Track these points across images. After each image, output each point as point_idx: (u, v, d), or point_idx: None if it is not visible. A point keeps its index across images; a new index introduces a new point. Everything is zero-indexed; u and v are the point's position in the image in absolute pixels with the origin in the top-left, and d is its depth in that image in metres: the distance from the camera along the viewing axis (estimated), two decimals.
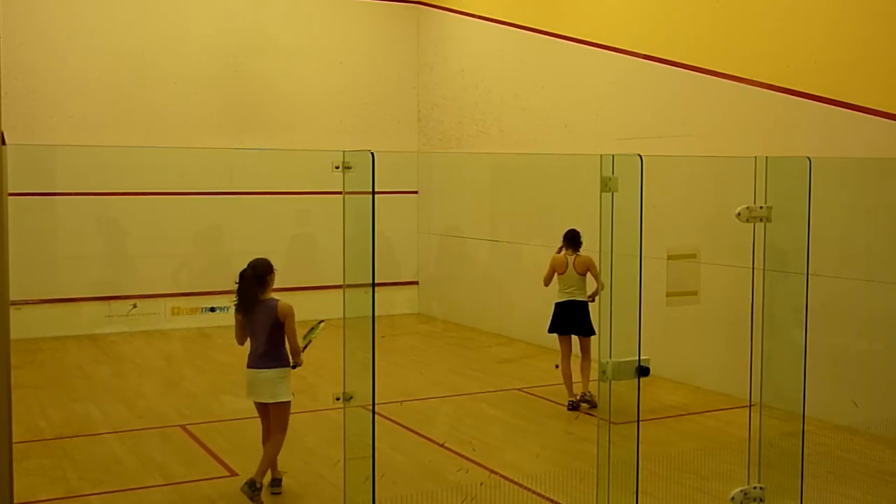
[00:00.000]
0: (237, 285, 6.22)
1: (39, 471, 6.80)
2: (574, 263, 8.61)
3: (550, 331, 8.81)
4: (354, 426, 5.96)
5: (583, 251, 8.69)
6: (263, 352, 6.17)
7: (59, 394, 9.33)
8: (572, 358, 8.75)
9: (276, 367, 6.17)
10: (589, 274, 8.61)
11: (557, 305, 8.72)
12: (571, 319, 8.64)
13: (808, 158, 5.31)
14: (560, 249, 8.73)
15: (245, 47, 13.62)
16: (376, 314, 6.16)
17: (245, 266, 6.24)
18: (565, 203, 11.11)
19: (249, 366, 6.24)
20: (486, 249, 13.03)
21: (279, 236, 13.48)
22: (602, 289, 8.72)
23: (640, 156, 4.66)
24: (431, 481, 6.62)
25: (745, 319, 5.63)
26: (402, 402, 8.72)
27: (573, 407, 8.54)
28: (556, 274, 8.70)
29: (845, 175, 7.92)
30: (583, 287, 8.66)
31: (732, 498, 5.33)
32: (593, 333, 8.59)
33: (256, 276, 6.17)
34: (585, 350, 8.73)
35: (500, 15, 12.80)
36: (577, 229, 8.74)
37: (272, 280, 6.25)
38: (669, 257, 5.14)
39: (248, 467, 6.83)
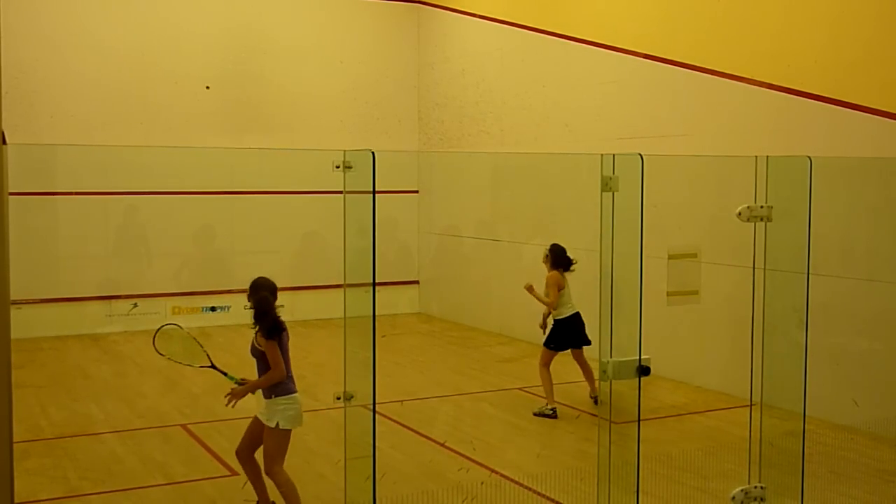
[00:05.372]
0: (257, 309, 5.57)
1: (40, 470, 6.80)
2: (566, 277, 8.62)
3: (561, 347, 8.60)
4: (355, 426, 5.96)
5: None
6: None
7: (59, 393, 9.33)
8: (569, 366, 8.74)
9: None
10: None
11: (563, 322, 8.55)
12: (580, 331, 8.60)
13: (809, 158, 5.31)
14: (554, 264, 8.54)
15: (246, 47, 13.62)
16: (377, 314, 6.17)
17: (251, 287, 5.69)
18: (566, 203, 11.12)
19: (294, 391, 5.70)
20: (487, 249, 13.03)
21: (279, 236, 13.50)
22: None
23: (640, 155, 4.66)
24: (432, 481, 6.62)
25: (745, 319, 5.63)
26: (402, 401, 8.72)
27: (553, 413, 8.36)
28: (560, 289, 8.54)
29: (846, 174, 7.91)
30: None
31: (733, 497, 5.33)
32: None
33: (273, 293, 5.72)
34: (583, 357, 8.71)
35: (500, 14, 12.80)
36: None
37: None
38: (670, 257, 5.13)
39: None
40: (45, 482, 6.55)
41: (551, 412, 8.33)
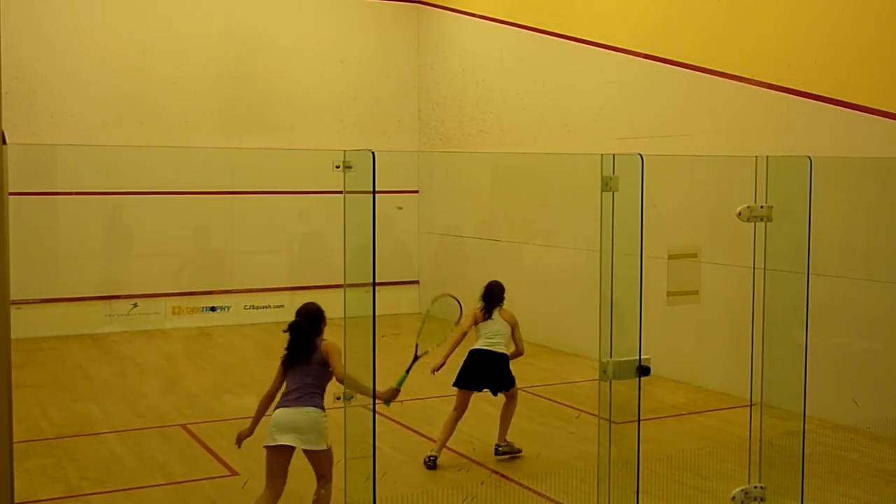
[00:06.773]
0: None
1: (40, 470, 6.80)
2: (500, 312, 7.56)
3: (463, 384, 7.36)
4: (355, 426, 5.96)
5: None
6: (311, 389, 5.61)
7: (59, 393, 9.32)
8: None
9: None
10: (514, 331, 7.49)
11: (473, 353, 7.42)
12: (487, 372, 7.31)
13: (809, 158, 5.31)
14: (482, 298, 7.71)
15: (245, 47, 13.61)
16: (377, 314, 6.16)
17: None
18: (566, 203, 11.11)
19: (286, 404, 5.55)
20: (487, 249, 13.02)
21: (279, 236, 13.50)
22: (522, 354, 7.39)
23: (640, 155, 4.66)
24: (432, 481, 6.62)
25: (745, 319, 5.62)
26: (402, 401, 8.70)
27: (431, 463, 7.00)
28: (476, 323, 7.54)
29: (846, 174, 7.91)
30: (507, 341, 7.44)
31: (733, 497, 5.32)
32: (511, 385, 7.36)
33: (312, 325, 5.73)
34: (511, 395, 7.43)
35: (500, 14, 12.80)
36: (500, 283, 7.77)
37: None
38: (670, 257, 5.13)
39: (248, 466, 6.82)
40: (45, 482, 6.55)
41: (430, 461, 7.00)
